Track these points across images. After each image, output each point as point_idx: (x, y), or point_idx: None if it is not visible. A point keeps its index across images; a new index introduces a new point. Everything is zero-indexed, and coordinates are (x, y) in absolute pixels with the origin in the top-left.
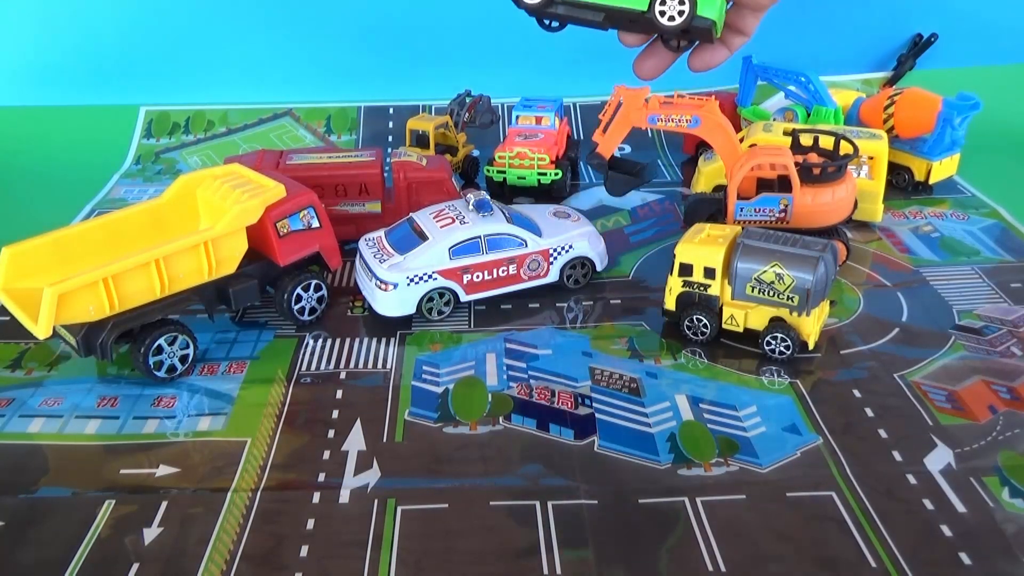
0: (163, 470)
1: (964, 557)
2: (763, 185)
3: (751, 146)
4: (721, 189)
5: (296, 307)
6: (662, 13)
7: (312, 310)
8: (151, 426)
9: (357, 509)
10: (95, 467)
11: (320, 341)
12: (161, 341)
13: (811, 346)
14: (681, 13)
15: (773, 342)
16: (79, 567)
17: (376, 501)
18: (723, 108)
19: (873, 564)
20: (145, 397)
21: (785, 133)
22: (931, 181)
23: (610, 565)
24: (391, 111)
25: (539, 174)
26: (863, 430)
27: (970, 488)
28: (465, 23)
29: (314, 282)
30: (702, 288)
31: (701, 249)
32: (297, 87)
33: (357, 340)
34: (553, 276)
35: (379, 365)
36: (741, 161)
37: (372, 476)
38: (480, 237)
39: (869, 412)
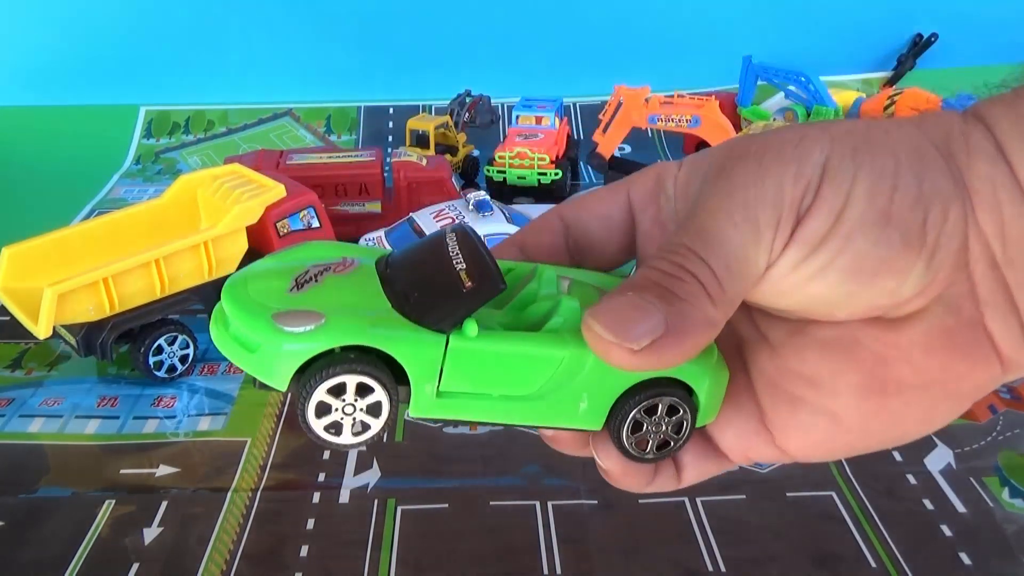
0: (163, 470)
1: (964, 557)
2: None
3: None
4: None
5: None
6: (638, 443)
7: None
8: (151, 426)
9: (357, 509)
10: (95, 467)
11: None
12: (161, 341)
13: None
14: (675, 438)
15: None
16: (79, 567)
17: (376, 501)
18: (723, 108)
19: (873, 564)
20: (145, 397)
21: None
22: None
23: (610, 565)
24: (391, 111)
25: (539, 174)
26: None
27: (970, 488)
28: (465, 23)
29: None
30: None
31: None
32: (297, 87)
33: None
34: None
35: None
36: None
37: (372, 476)
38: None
39: None
